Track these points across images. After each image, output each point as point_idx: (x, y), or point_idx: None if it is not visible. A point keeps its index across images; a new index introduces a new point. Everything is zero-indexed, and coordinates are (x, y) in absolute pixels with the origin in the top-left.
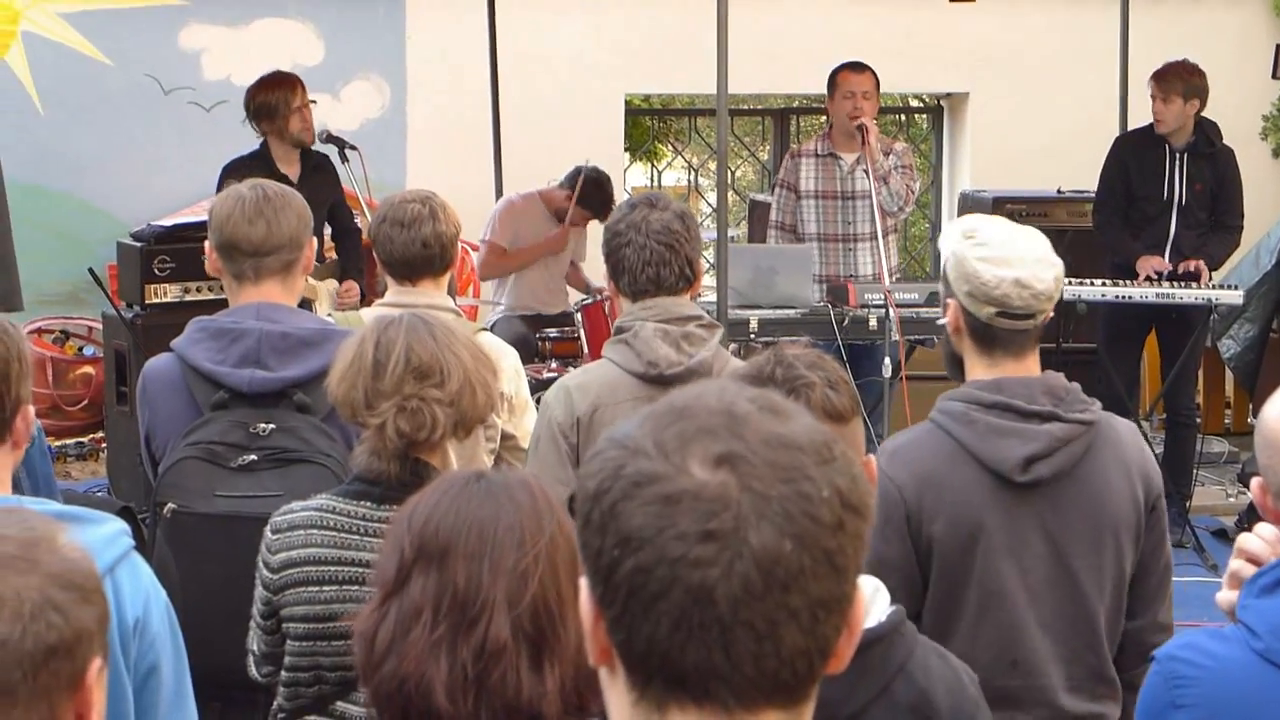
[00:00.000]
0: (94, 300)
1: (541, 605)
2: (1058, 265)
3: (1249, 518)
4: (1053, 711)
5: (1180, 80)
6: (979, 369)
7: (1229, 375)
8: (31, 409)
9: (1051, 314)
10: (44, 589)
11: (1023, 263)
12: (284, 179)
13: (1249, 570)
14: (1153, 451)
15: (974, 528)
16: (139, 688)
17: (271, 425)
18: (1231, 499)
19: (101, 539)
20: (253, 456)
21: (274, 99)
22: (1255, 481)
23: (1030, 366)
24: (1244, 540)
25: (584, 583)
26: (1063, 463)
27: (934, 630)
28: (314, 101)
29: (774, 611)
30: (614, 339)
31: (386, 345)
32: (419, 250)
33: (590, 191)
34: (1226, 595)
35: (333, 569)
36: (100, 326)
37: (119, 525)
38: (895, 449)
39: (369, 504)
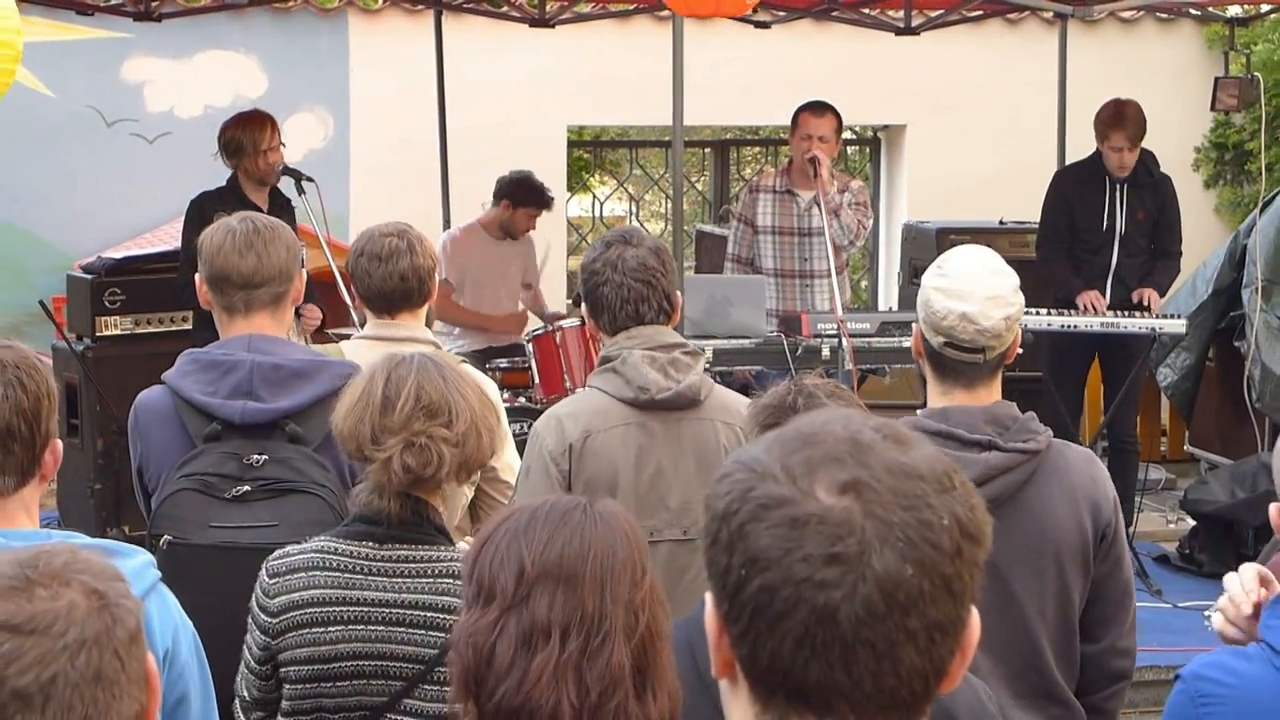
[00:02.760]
0: (37, 333)
1: (649, 638)
2: (1013, 306)
3: (1191, 543)
4: None
5: (1141, 126)
6: (934, 395)
7: (1164, 403)
8: (59, 443)
9: (1006, 350)
10: (108, 581)
11: (974, 298)
12: (255, 209)
13: (1232, 609)
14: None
15: None
16: (168, 716)
17: (264, 456)
18: (1172, 525)
19: (132, 571)
20: (247, 487)
21: (242, 138)
22: (1274, 507)
23: (982, 397)
24: (1227, 580)
25: (709, 597)
26: (1000, 490)
27: None
28: (284, 145)
29: (893, 633)
30: (601, 369)
31: (397, 382)
32: (397, 283)
33: (522, 192)
34: (1220, 623)
35: (337, 609)
36: (46, 359)
37: (146, 557)
38: None
39: (371, 544)
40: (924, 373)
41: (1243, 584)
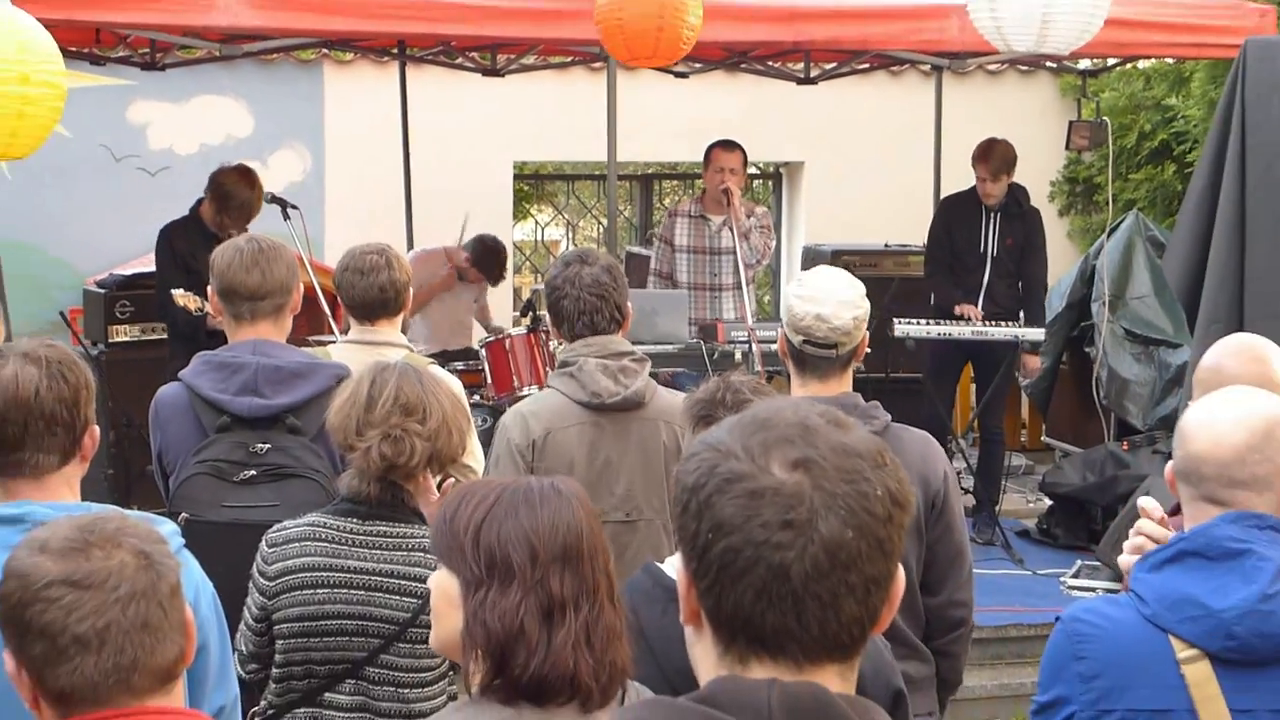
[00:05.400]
0: (57, 341)
1: (617, 595)
2: (860, 309)
3: (1048, 520)
4: None
5: (1005, 161)
6: (795, 388)
7: (1024, 400)
8: (96, 428)
9: (855, 348)
10: (153, 543)
11: (826, 302)
12: (214, 238)
13: (1149, 545)
14: (967, 463)
15: None
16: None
17: (268, 445)
18: (1031, 504)
19: None
20: (252, 472)
21: (239, 194)
22: (1168, 466)
23: (833, 388)
24: (1142, 524)
25: (678, 556)
26: None
27: None
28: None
29: (836, 586)
30: (559, 371)
31: (380, 385)
32: (376, 294)
33: (487, 262)
34: (1127, 559)
35: (325, 574)
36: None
37: (172, 526)
38: None
39: (355, 520)
40: (789, 370)
41: (1149, 530)
